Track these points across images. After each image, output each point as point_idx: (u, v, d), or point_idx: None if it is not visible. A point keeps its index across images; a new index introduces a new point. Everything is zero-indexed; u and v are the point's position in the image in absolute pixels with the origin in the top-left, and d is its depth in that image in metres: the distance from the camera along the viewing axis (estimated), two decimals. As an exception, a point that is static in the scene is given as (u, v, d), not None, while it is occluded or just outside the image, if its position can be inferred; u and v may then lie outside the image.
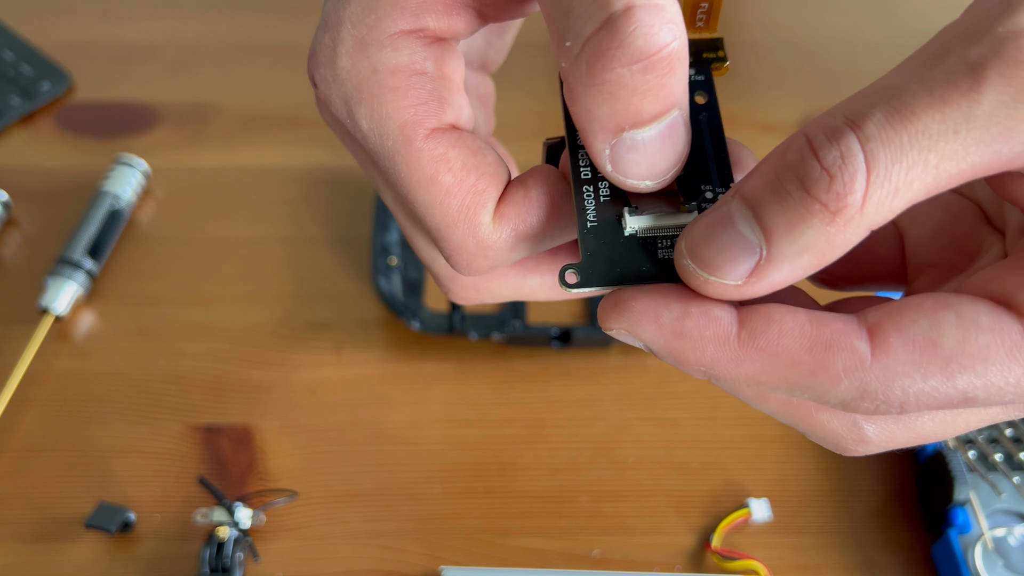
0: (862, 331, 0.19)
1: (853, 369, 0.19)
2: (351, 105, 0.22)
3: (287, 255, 0.49)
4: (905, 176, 0.17)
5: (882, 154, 0.17)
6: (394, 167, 0.22)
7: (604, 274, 0.21)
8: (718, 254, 0.19)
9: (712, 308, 0.19)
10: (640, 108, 0.19)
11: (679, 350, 0.20)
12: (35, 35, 0.58)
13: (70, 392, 0.44)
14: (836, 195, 0.17)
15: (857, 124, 0.17)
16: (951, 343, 0.18)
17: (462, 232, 0.22)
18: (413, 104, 0.21)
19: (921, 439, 0.22)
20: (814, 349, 0.19)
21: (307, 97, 0.56)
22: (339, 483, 0.41)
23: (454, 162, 0.21)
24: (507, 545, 0.40)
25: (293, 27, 0.60)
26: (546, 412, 0.44)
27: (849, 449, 0.22)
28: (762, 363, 0.19)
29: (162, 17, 0.60)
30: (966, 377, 0.18)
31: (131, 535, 0.40)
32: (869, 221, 0.18)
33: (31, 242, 0.49)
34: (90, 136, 0.54)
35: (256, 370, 0.45)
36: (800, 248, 0.18)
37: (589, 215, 0.21)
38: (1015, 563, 0.37)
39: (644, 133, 0.20)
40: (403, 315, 0.45)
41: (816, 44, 0.59)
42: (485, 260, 0.22)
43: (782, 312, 0.19)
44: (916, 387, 0.19)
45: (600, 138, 0.20)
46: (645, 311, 0.20)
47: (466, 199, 0.21)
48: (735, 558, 0.39)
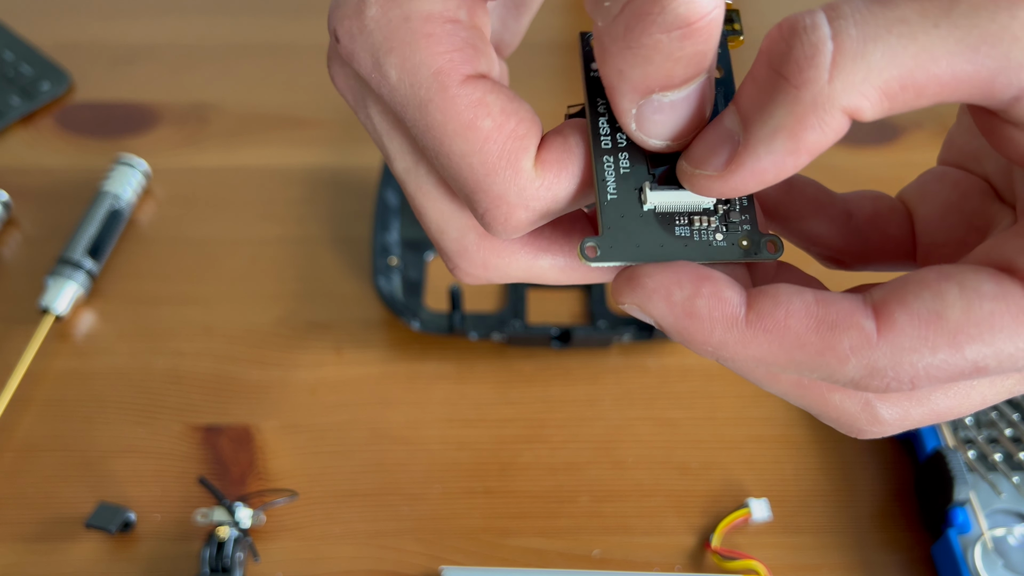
0: (867, 309, 0.19)
1: (860, 347, 0.19)
2: (380, 56, 0.21)
3: (287, 255, 0.49)
4: (880, 57, 0.17)
5: (853, 30, 0.17)
6: (426, 117, 0.21)
7: (623, 249, 0.21)
8: (701, 145, 0.20)
9: (723, 289, 0.20)
10: (672, 73, 0.19)
11: (688, 329, 0.20)
12: (35, 35, 0.58)
13: (70, 392, 0.44)
14: (796, 66, 0.17)
15: (832, 6, 0.18)
16: (956, 314, 0.18)
17: (503, 179, 0.21)
18: (448, 51, 0.21)
19: (937, 416, 0.21)
20: (820, 329, 0.19)
21: (307, 97, 0.56)
22: (339, 483, 0.41)
23: (492, 107, 0.21)
24: (507, 545, 0.40)
25: (293, 27, 0.60)
26: (546, 412, 0.44)
27: (863, 430, 0.22)
28: (769, 344, 0.19)
29: (162, 17, 0.60)
30: (975, 347, 0.18)
31: (131, 535, 0.40)
32: (839, 100, 0.18)
33: (31, 242, 0.49)
34: (90, 136, 0.54)
35: (256, 370, 0.45)
36: (772, 129, 0.18)
37: (609, 187, 0.21)
38: (1015, 563, 0.37)
39: (672, 96, 0.20)
40: (403, 315, 0.45)
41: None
42: (526, 211, 0.22)
43: (789, 293, 0.19)
44: (925, 361, 0.18)
45: (628, 98, 0.20)
46: (657, 288, 0.20)
47: (507, 144, 0.21)
48: (735, 558, 0.39)
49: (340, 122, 0.55)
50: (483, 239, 0.23)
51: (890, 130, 0.55)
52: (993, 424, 0.41)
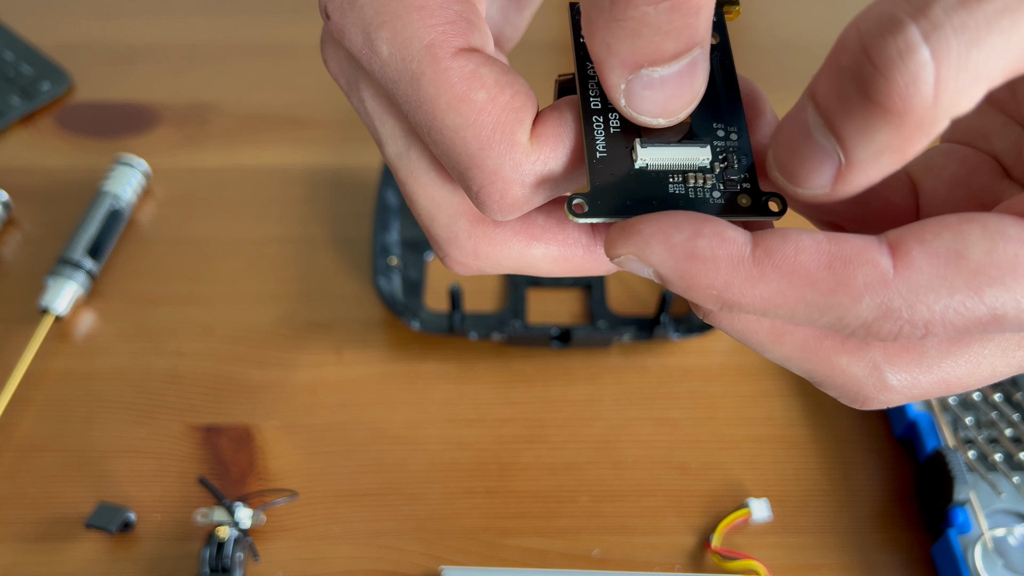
0: (883, 246, 0.18)
1: (875, 284, 0.18)
2: (371, 31, 0.20)
3: (287, 255, 0.49)
4: (984, 63, 0.16)
5: (955, 43, 0.16)
6: (418, 92, 0.20)
7: (612, 204, 0.20)
8: (801, 166, 0.18)
9: (725, 229, 0.19)
10: (661, 47, 0.18)
11: (691, 272, 0.19)
12: (35, 35, 0.58)
13: (70, 392, 0.44)
14: (899, 97, 0.16)
15: (921, 11, 0.16)
16: (978, 254, 0.17)
17: (498, 153, 0.20)
18: (440, 23, 0.20)
19: (946, 385, 0.21)
20: (833, 265, 0.18)
21: (307, 97, 0.56)
22: (339, 483, 0.41)
23: (487, 79, 0.20)
24: (507, 545, 0.40)
25: (293, 27, 0.60)
26: (546, 412, 0.44)
27: (870, 397, 0.21)
28: (778, 282, 0.18)
29: (162, 17, 0.60)
30: (994, 291, 0.17)
31: (131, 535, 0.40)
32: (947, 114, 0.16)
33: (31, 242, 0.49)
34: (90, 136, 0.54)
35: (256, 370, 0.45)
36: (875, 152, 0.17)
37: (599, 145, 0.21)
38: (1015, 563, 0.37)
39: (662, 71, 0.19)
40: (403, 315, 0.45)
41: (816, 44, 0.59)
42: (521, 188, 0.21)
43: (798, 231, 0.18)
44: (942, 303, 0.18)
45: (617, 73, 0.19)
46: (655, 232, 0.19)
47: (502, 116, 0.20)
48: (735, 558, 0.39)
49: (340, 122, 0.55)
50: (474, 226, 0.23)
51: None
52: (993, 424, 0.41)
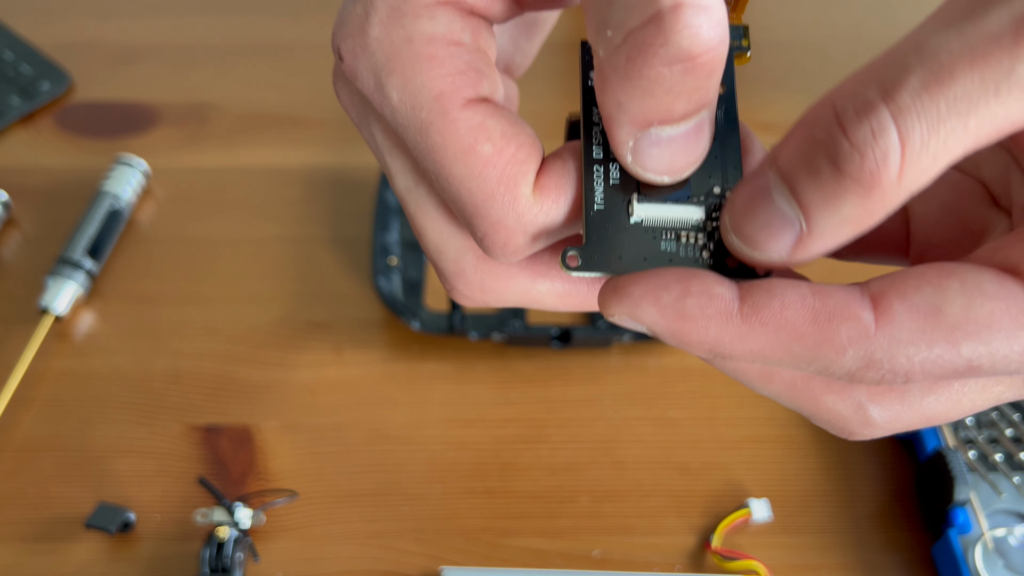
0: (865, 300, 0.19)
1: (858, 338, 0.19)
2: (382, 76, 0.21)
3: (287, 255, 0.49)
4: (943, 144, 0.17)
5: (918, 127, 0.17)
6: (427, 140, 0.21)
7: (606, 260, 0.21)
8: (760, 230, 0.19)
9: (712, 286, 0.19)
10: (673, 107, 0.19)
11: (682, 331, 0.19)
12: (35, 35, 0.58)
13: (70, 392, 0.44)
14: (869, 173, 0.17)
15: (890, 94, 0.17)
16: (955, 309, 0.18)
17: (501, 205, 0.21)
18: (450, 74, 0.20)
19: (927, 420, 0.22)
20: (818, 320, 0.19)
21: (307, 97, 0.56)
22: (339, 483, 0.41)
23: (493, 131, 0.21)
24: (507, 545, 0.40)
25: (293, 27, 0.60)
26: (546, 412, 0.44)
27: (855, 432, 0.22)
28: (766, 337, 0.19)
29: (162, 17, 0.60)
30: (971, 344, 0.18)
31: (131, 535, 0.40)
32: (907, 189, 0.17)
33: (31, 242, 0.49)
34: (90, 136, 0.54)
35: (256, 370, 0.45)
36: (838, 221, 0.18)
37: (597, 197, 0.21)
38: (1015, 563, 0.37)
39: (671, 130, 0.19)
40: (403, 315, 0.45)
41: (816, 44, 0.59)
42: (524, 237, 0.21)
43: (784, 285, 0.19)
44: (921, 355, 0.18)
45: (626, 130, 0.19)
46: (645, 294, 0.19)
47: (506, 169, 0.21)
48: (735, 558, 0.39)
49: (340, 122, 0.54)
50: (481, 261, 0.23)
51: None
52: (994, 424, 0.41)
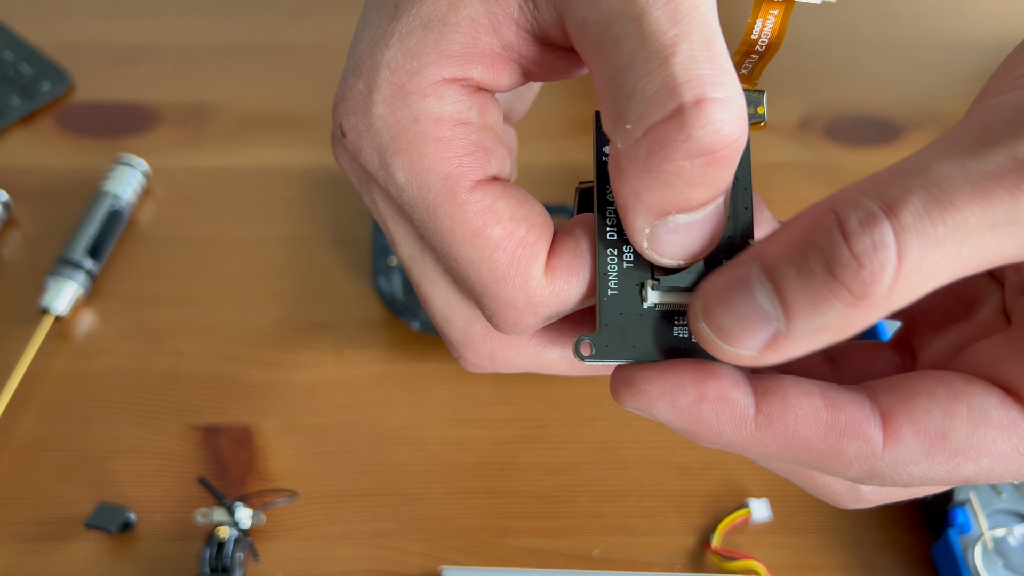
0: (875, 417, 0.19)
1: (865, 457, 0.19)
2: (387, 156, 0.20)
3: (287, 255, 0.49)
4: (936, 266, 0.17)
5: (916, 246, 0.17)
6: (434, 221, 0.20)
7: (619, 349, 0.21)
8: (734, 323, 0.19)
9: (728, 391, 0.19)
10: (691, 197, 0.18)
11: (697, 433, 0.20)
12: (35, 35, 0.58)
13: (70, 392, 0.44)
14: (863, 283, 0.17)
15: (893, 211, 0.17)
16: (961, 437, 0.19)
17: (512, 287, 0.21)
18: (458, 155, 0.20)
19: (913, 495, 0.23)
20: (829, 436, 0.19)
21: (307, 97, 0.56)
22: (339, 483, 0.41)
23: (502, 214, 0.20)
24: (507, 545, 0.40)
25: (293, 27, 0.60)
26: (546, 412, 0.44)
27: (845, 505, 0.23)
28: (777, 447, 0.20)
29: (162, 17, 0.60)
30: (970, 467, 0.19)
31: (131, 535, 0.40)
32: (893, 305, 0.17)
33: (31, 242, 0.49)
34: (90, 136, 0.54)
35: (256, 370, 0.45)
36: (819, 327, 0.18)
37: (611, 282, 0.21)
38: (1015, 563, 0.37)
39: (687, 218, 0.19)
40: (403, 315, 0.45)
41: (816, 44, 0.59)
42: (535, 316, 0.21)
43: (798, 394, 0.19)
44: (922, 473, 0.19)
45: (643, 218, 0.19)
46: (660, 395, 0.20)
47: (517, 252, 0.20)
48: (735, 558, 0.39)
49: (340, 122, 0.54)
50: (490, 330, 0.23)
51: (891, 130, 0.55)
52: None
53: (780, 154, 0.53)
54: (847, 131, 0.55)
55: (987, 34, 0.59)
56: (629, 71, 0.18)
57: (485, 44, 0.20)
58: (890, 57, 0.59)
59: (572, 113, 0.54)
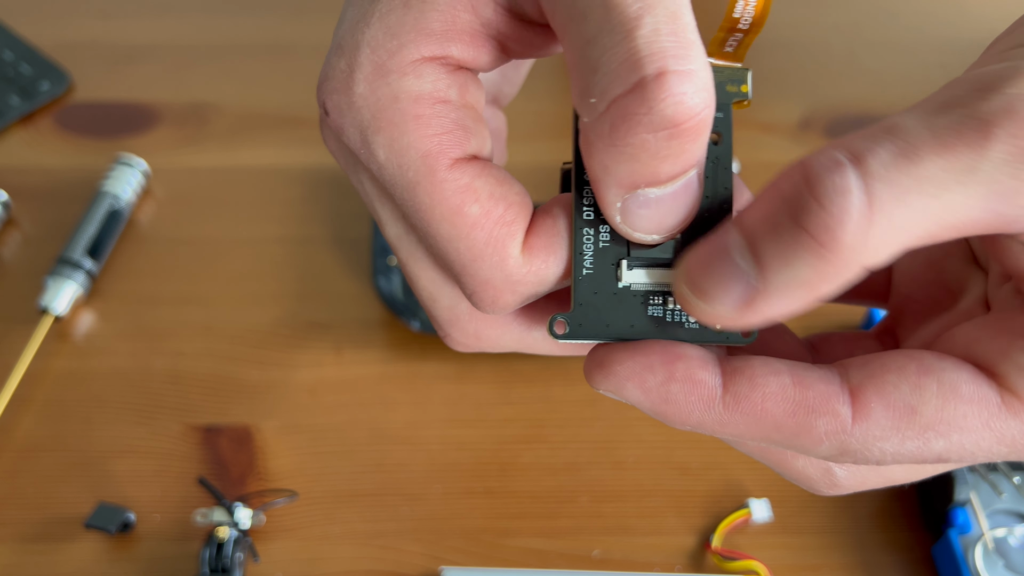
0: (844, 393, 0.19)
1: (835, 433, 0.19)
2: (367, 134, 0.21)
3: (287, 255, 0.49)
4: (907, 219, 0.17)
5: (884, 193, 0.17)
6: (414, 199, 0.21)
7: (593, 328, 0.21)
8: (712, 282, 0.19)
9: (696, 371, 0.20)
10: (658, 170, 0.18)
11: (665, 413, 0.20)
12: (35, 35, 0.58)
13: (70, 392, 0.44)
14: (826, 227, 0.17)
15: (859, 159, 0.17)
16: (930, 411, 0.19)
17: (489, 266, 0.21)
18: (437, 133, 0.20)
19: (890, 482, 0.23)
20: (797, 413, 0.19)
21: (307, 97, 0.56)
22: (339, 483, 0.41)
23: (480, 192, 0.20)
24: (507, 545, 0.40)
25: (293, 27, 0.60)
26: (546, 412, 0.44)
27: (820, 491, 0.23)
28: (746, 426, 0.20)
29: (162, 17, 0.60)
30: (941, 442, 0.19)
31: (131, 535, 0.40)
32: (864, 259, 0.17)
33: (31, 242, 0.49)
34: (90, 136, 0.54)
35: (256, 370, 0.45)
36: (791, 281, 0.18)
37: (586, 261, 0.21)
38: (1016, 563, 0.37)
39: (658, 191, 0.19)
40: (403, 315, 0.45)
41: (816, 44, 0.59)
42: (512, 295, 0.21)
43: (766, 374, 0.20)
44: (893, 448, 0.19)
45: (613, 192, 0.19)
46: (630, 376, 0.20)
47: (494, 231, 0.20)
48: (735, 558, 0.39)
49: (340, 122, 0.54)
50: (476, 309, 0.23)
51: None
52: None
53: (780, 154, 0.53)
54: (847, 131, 0.54)
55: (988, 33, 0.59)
56: (594, 45, 0.18)
57: (464, 22, 0.20)
58: (890, 57, 0.59)
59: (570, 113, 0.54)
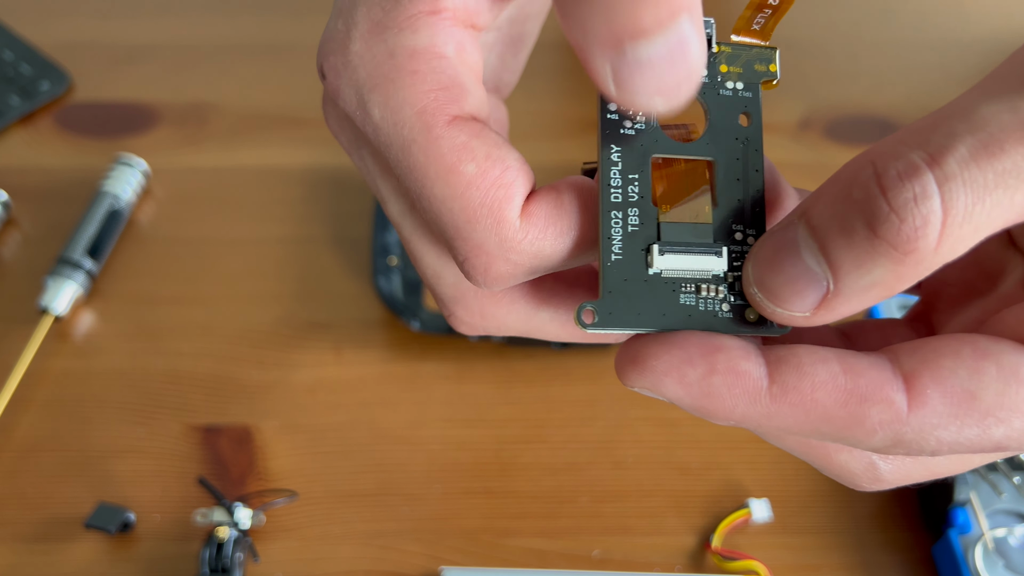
0: (897, 380, 0.18)
1: (889, 422, 0.18)
2: (363, 93, 0.20)
3: (287, 255, 0.49)
4: (987, 216, 0.17)
5: (963, 196, 0.16)
6: (409, 158, 0.20)
7: (623, 317, 0.20)
8: (785, 285, 0.18)
9: (739, 362, 0.19)
10: (639, 16, 0.17)
11: (708, 408, 0.19)
12: (35, 35, 0.58)
13: (70, 392, 0.44)
14: (906, 238, 0.16)
15: (936, 160, 0.16)
16: (990, 396, 0.18)
17: (484, 227, 0.20)
18: (433, 89, 0.20)
19: (934, 475, 0.21)
20: (849, 403, 0.18)
21: (307, 97, 0.56)
22: (339, 483, 0.41)
23: (477, 152, 0.20)
24: (507, 545, 0.40)
25: (293, 27, 0.60)
26: (546, 412, 0.44)
27: (863, 486, 0.22)
28: (795, 417, 0.18)
29: (162, 17, 0.60)
30: (1002, 430, 0.18)
31: (131, 535, 0.39)
32: (943, 258, 0.17)
33: (31, 242, 0.49)
34: (90, 136, 0.54)
35: (256, 370, 0.45)
36: (867, 284, 0.17)
37: (615, 246, 0.20)
38: (1016, 563, 0.37)
39: (648, 50, 0.17)
40: (403, 315, 0.45)
41: (816, 44, 0.59)
42: (506, 264, 0.20)
43: (813, 361, 0.19)
44: (951, 437, 0.18)
45: (598, 55, 0.17)
46: (668, 370, 0.19)
47: (490, 191, 0.20)
48: (735, 558, 0.39)
49: (340, 122, 0.54)
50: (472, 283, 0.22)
51: (891, 130, 0.54)
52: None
53: (780, 154, 0.53)
54: (847, 131, 0.55)
55: (988, 33, 0.59)
56: None
57: None
58: (890, 57, 0.58)
59: (572, 113, 0.54)
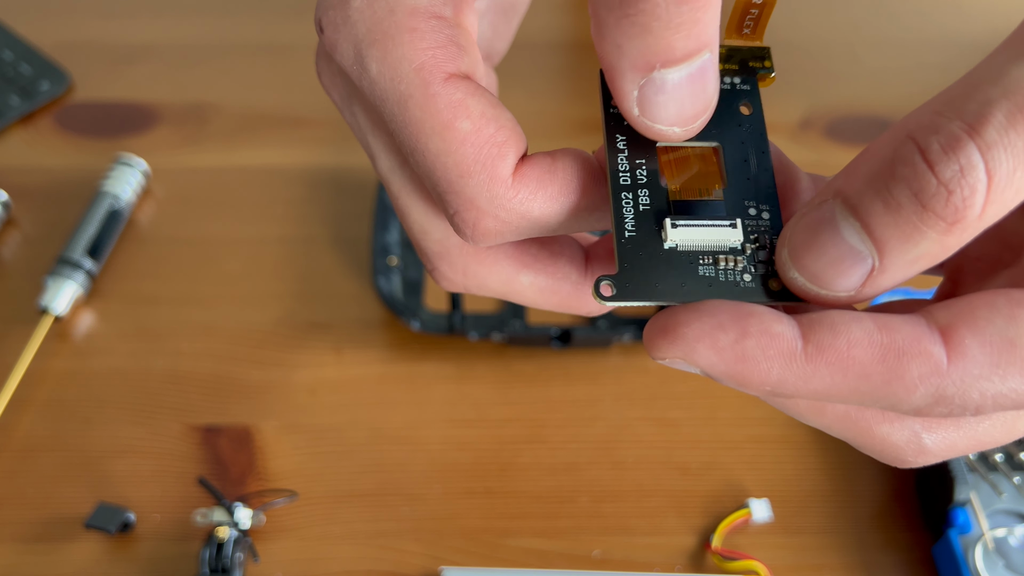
0: (934, 334, 0.18)
1: (929, 375, 0.18)
2: (362, 47, 0.21)
3: (287, 255, 0.49)
4: None
5: (1005, 162, 0.16)
6: (405, 113, 0.20)
7: (641, 289, 0.20)
8: (829, 267, 0.18)
9: (772, 324, 0.18)
10: (672, 43, 0.18)
11: (743, 373, 0.18)
12: (35, 35, 0.58)
13: (70, 392, 0.44)
14: (955, 208, 0.17)
15: (976, 129, 0.17)
16: None
17: (476, 183, 0.20)
18: (431, 47, 0.20)
19: (981, 444, 0.21)
20: (887, 358, 0.18)
21: (307, 97, 0.56)
22: (339, 483, 0.41)
23: (473, 109, 0.20)
24: (507, 545, 0.40)
25: (293, 27, 0.60)
26: (546, 412, 0.44)
27: (907, 461, 0.21)
28: (832, 377, 0.18)
29: (162, 17, 0.60)
30: None
31: (131, 535, 0.39)
32: (985, 224, 0.17)
33: (31, 242, 0.49)
34: (90, 136, 0.54)
35: (256, 370, 0.45)
36: (914, 257, 0.17)
37: (627, 224, 0.20)
38: (1016, 563, 0.37)
39: (674, 74, 0.19)
40: (403, 315, 0.45)
41: (816, 44, 0.59)
42: (494, 221, 0.21)
43: (847, 320, 0.18)
44: (995, 389, 0.18)
45: (629, 77, 0.19)
46: (700, 336, 0.18)
47: (484, 148, 0.20)
48: (735, 558, 0.39)
49: (340, 122, 0.54)
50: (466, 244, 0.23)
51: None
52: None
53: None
54: (847, 131, 0.55)
55: (988, 32, 0.59)
56: None
57: None
58: (891, 56, 0.58)
59: (572, 113, 0.54)
